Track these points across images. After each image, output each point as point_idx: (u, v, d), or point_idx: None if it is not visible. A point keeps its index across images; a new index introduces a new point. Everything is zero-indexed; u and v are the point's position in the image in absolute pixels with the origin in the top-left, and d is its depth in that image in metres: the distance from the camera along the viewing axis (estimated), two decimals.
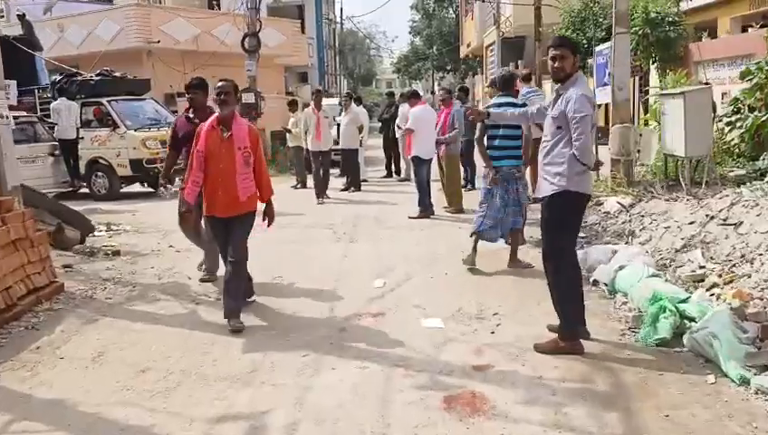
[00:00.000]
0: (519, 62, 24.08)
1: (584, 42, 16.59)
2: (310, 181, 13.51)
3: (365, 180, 14.13)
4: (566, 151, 4.39)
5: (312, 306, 5.76)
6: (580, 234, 6.09)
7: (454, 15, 44.44)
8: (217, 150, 5.19)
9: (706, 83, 8.53)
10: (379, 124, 16.23)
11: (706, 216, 6.57)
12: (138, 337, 5.16)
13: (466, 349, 4.66)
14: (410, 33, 48.72)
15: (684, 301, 4.81)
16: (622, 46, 8.64)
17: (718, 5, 12.58)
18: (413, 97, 10.28)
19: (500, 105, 6.45)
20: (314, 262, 7.37)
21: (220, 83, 5.21)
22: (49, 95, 15.10)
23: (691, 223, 6.61)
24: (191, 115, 6.40)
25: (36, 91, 15.43)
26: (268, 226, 5.49)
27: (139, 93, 15.17)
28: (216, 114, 5.33)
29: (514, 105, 6.44)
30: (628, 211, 7.67)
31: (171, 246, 8.43)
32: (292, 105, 14.24)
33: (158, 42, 19.49)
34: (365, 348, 4.75)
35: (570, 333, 4.53)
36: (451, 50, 42.50)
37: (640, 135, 8.76)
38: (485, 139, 6.79)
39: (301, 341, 4.92)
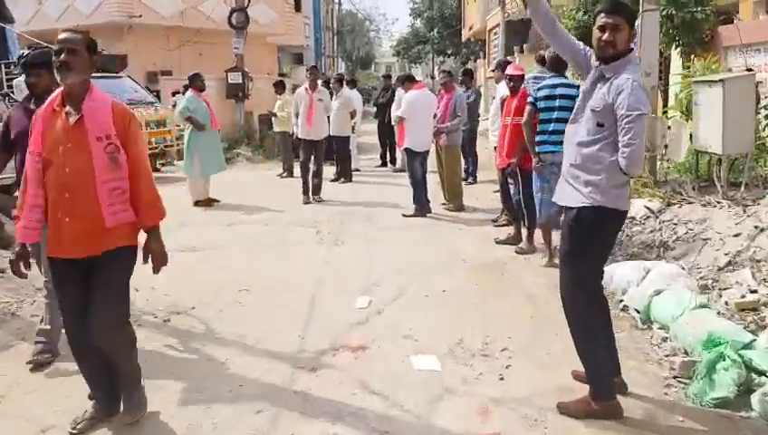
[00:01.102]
0: (524, 45, 22.90)
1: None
2: (297, 170, 12.46)
3: (357, 170, 13.02)
4: (606, 157, 3.31)
5: (279, 333, 4.69)
6: None
7: None
8: (61, 146, 3.14)
9: (749, 70, 7.43)
10: (375, 109, 15.04)
11: (755, 227, 5.51)
12: (54, 375, 4.10)
13: (468, 406, 3.60)
14: (411, 15, 47.35)
15: (748, 345, 3.75)
16: (651, 26, 7.52)
17: None
18: (408, 81, 9.09)
19: (555, 86, 6.08)
20: (290, 270, 6.30)
21: (62, 35, 3.15)
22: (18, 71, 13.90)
23: (736, 235, 5.55)
24: (32, 106, 4.10)
25: (2, 66, 14.21)
26: (154, 270, 3.38)
27: (114, 71, 13.99)
28: (60, 90, 3.25)
29: (570, 86, 6.06)
30: (657, 217, 6.59)
31: None
32: (279, 87, 13.06)
33: (140, 16, 18.27)
34: (338, 401, 3.68)
35: (603, 392, 3.46)
36: (452, 33, 41.21)
37: (669, 127, 7.66)
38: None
39: (256, 388, 3.85)
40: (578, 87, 6.60)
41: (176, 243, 7.44)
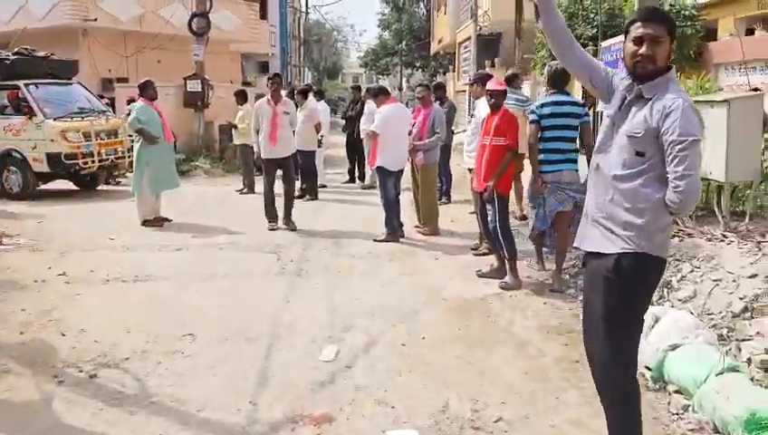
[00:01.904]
0: (495, 60, 22.44)
1: None
2: (260, 186, 11.66)
3: (323, 186, 12.24)
4: (651, 193, 2.64)
5: (227, 397, 3.88)
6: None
7: (425, 11, 42.80)
8: None
9: (755, 89, 6.87)
10: (344, 121, 14.24)
11: None
12: None
13: None
14: (379, 26, 46.89)
15: None
16: None
17: (722, 3, 11.01)
18: (381, 94, 8.28)
19: (560, 103, 5.85)
20: (244, 310, 5.47)
21: None
22: None
23: (752, 276, 4.91)
24: None
25: None
26: None
27: (64, 76, 12.98)
28: None
29: (575, 104, 6.01)
30: None
31: (63, 274, 6.48)
32: (240, 96, 12.22)
33: (95, 20, 17.23)
34: None
35: None
36: (421, 46, 40.81)
37: None
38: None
39: None
40: (583, 105, 6.20)
41: (116, 271, 6.60)
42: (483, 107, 6.82)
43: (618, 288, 2.73)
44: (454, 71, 28.86)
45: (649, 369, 4.16)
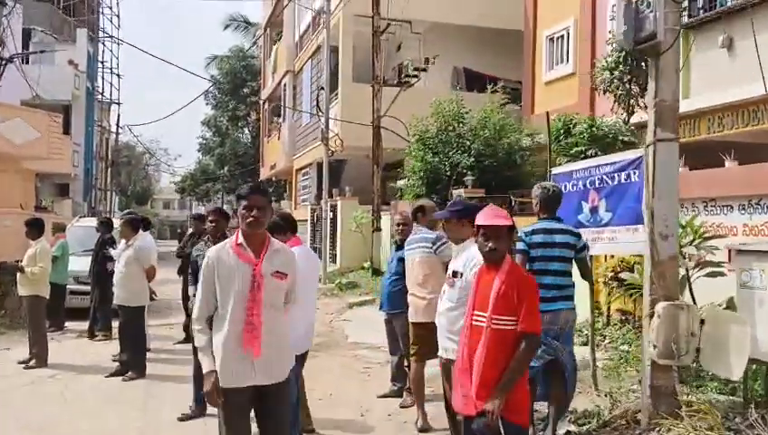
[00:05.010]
0: (347, 188, 20.35)
1: (447, 170, 13.25)
2: (57, 354, 8.01)
3: (149, 349, 8.65)
4: None
5: None
6: None
7: (250, 136, 40.81)
8: None
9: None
10: (179, 260, 10.61)
11: None
12: None
13: None
14: (200, 150, 43.95)
15: None
16: (669, 161, 4.84)
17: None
18: (284, 229, 5.18)
19: (551, 231, 4.94)
20: None
21: None
22: None
23: None
24: None
25: None
26: None
27: None
28: None
29: (568, 232, 5.06)
30: None
31: None
32: (33, 228, 8.52)
33: None
34: None
35: None
36: (247, 172, 38.36)
37: (702, 322, 4.83)
38: None
39: None
40: (579, 235, 5.15)
41: None
42: (472, 256, 4.18)
43: None
44: (290, 199, 26.50)
45: None
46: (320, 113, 18.94)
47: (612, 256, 7.83)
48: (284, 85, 26.74)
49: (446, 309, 4.38)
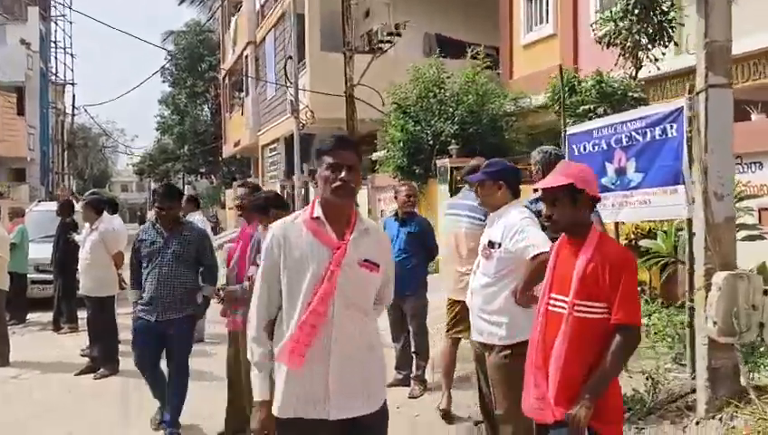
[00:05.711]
0: (303, 165, 19.44)
1: (429, 139, 12.57)
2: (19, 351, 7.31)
3: (119, 342, 7.89)
4: None
5: None
6: None
7: (210, 113, 39.43)
8: None
9: None
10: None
11: None
12: None
13: None
14: (158, 129, 42.35)
15: None
16: (722, 110, 4.25)
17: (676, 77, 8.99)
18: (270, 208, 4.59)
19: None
20: None
21: None
22: None
23: None
24: None
25: None
26: None
27: None
28: None
29: None
30: None
31: None
32: None
33: None
34: None
35: None
36: (207, 151, 37.08)
37: (765, 293, 4.31)
38: None
39: None
40: None
41: None
42: (501, 225, 3.56)
43: None
44: (257, 176, 25.49)
45: None
46: (288, 84, 18.00)
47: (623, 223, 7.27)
48: (246, 57, 25.58)
49: (482, 286, 3.72)
